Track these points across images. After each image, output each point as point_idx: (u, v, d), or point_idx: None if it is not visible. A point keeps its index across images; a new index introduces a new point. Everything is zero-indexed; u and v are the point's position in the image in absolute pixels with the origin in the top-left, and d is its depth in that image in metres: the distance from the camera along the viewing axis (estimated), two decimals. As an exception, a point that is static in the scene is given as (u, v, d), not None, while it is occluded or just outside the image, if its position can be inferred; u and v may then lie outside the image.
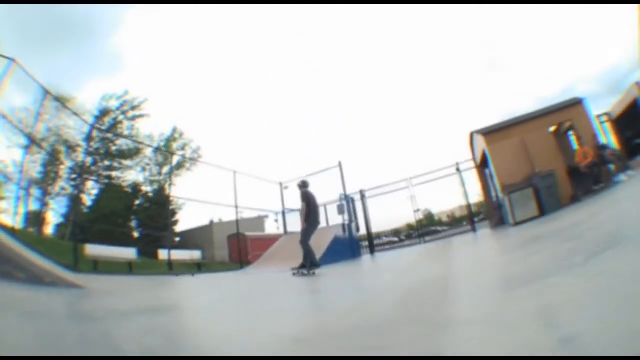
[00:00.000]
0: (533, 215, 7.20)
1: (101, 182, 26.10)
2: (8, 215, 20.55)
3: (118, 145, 26.32)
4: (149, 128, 35.80)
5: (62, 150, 24.27)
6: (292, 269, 6.13)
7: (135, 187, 26.39)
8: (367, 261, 8.64)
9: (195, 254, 14.98)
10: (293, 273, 6.02)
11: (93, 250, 9.34)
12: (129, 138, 25.70)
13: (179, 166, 23.37)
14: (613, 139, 9.45)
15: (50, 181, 25.10)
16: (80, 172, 21.57)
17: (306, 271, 5.90)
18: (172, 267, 9.55)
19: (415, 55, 67.79)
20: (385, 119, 76.99)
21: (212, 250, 21.37)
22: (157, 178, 27.33)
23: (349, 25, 64.89)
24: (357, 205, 11.59)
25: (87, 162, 24.36)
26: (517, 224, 7.27)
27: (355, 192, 11.74)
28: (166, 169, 27.49)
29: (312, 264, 5.91)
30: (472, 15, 63.14)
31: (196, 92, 56.32)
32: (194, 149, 29.40)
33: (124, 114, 27.04)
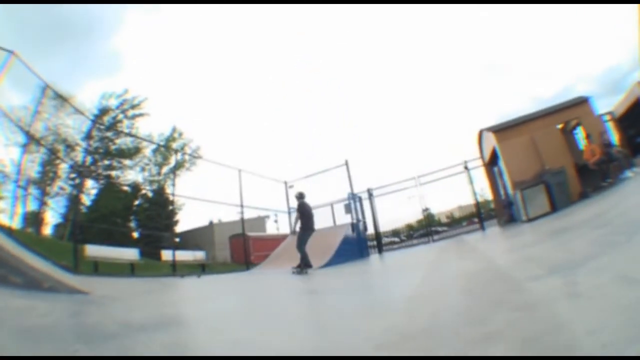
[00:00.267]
0: (545, 211, 7.26)
1: (100, 182, 25.85)
2: (6, 215, 20.34)
3: (117, 144, 26.10)
4: (148, 127, 35.52)
5: (61, 149, 24.02)
6: (293, 268, 6.94)
7: (134, 186, 26.18)
8: (386, 260, 8.36)
9: (199, 255, 14.72)
10: (293, 272, 6.81)
11: (93, 251, 9.10)
12: (129, 135, 25.50)
13: (179, 166, 23.22)
14: (616, 137, 9.62)
15: (48, 181, 24.83)
16: (80, 171, 21.35)
17: (305, 271, 6.73)
18: (175, 268, 9.26)
19: (417, 55, 68.84)
20: (386, 119, 77.98)
21: (213, 250, 21.23)
22: (156, 178, 27.18)
23: (355, 25, 65.79)
24: (363, 204, 11.53)
25: (87, 161, 24.16)
26: (530, 219, 7.33)
27: (362, 191, 11.72)
28: (165, 169, 27.36)
29: (306, 264, 6.80)
30: (473, 16, 64.19)
31: (197, 92, 56.44)
32: (193, 148, 29.29)
33: (123, 112, 26.82)
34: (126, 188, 26.39)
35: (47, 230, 24.96)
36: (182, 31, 55.63)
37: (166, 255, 12.18)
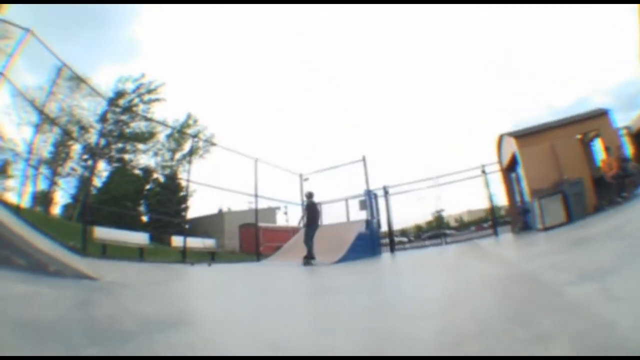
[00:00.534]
0: (561, 221, 7.32)
1: (113, 164, 26.22)
2: (15, 194, 20.73)
3: (132, 127, 26.44)
4: (163, 113, 35.81)
5: (75, 131, 24.36)
6: (304, 258, 7.88)
7: (146, 171, 26.54)
8: (403, 259, 8.24)
9: (209, 242, 14.54)
10: (303, 264, 7.74)
11: (102, 233, 8.97)
12: (145, 118, 25.75)
13: (192, 152, 23.54)
14: (631, 152, 9.67)
15: (60, 161, 25.18)
16: (93, 152, 21.67)
17: (310, 262, 7.76)
18: (185, 255, 9.22)
19: (436, 58, 68.52)
20: (399, 121, 78.04)
21: (222, 239, 21.55)
22: (169, 163, 27.53)
23: (380, 25, 65.57)
24: (378, 202, 11.58)
25: (100, 143, 24.52)
26: (545, 228, 7.40)
27: (376, 189, 11.76)
28: (178, 155, 27.70)
29: (310, 256, 7.88)
30: (487, 21, 63.55)
31: (214, 84, 56.69)
32: (207, 136, 29.53)
33: (139, 96, 27.10)
34: (138, 172, 26.78)
35: (56, 210, 25.54)
36: (197, 23, 55.58)
37: (176, 241, 12.03)
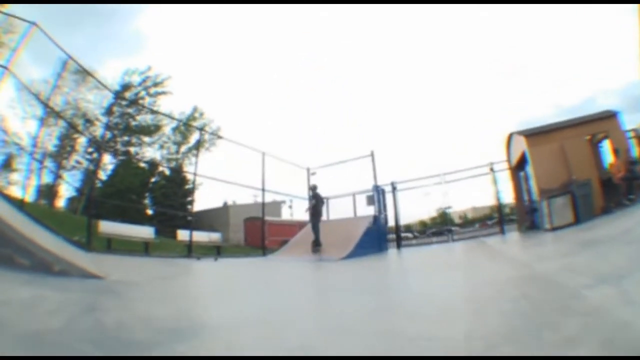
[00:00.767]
0: (569, 222, 7.38)
1: (118, 157, 26.34)
2: (19, 187, 20.83)
3: (138, 121, 26.51)
4: (169, 107, 35.86)
5: (80, 124, 24.44)
6: (312, 244, 8.85)
7: (152, 164, 26.66)
8: (411, 256, 8.18)
9: (214, 236, 14.23)
10: (313, 251, 8.65)
11: (107, 227, 8.91)
12: (151, 111, 25.76)
13: (199, 145, 23.67)
14: (639, 154, 9.69)
15: (65, 154, 25.31)
16: (98, 145, 21.77)
17: (317, 248, 8.73)
18: (191, 249, 9.13)
19: (440, 56, 68.30)
20: (405, 119, 78.22)
21: (227, 232, 21.70)
22: (174, 156, 27.64)
23: (379, 25, 65.11)
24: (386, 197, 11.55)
25: (106, 136, 24.65)
26: (553, 229, 7.46)
27: (384, 184, 11.76)
28: (184, 148, 27.80)
29: (316, 243, 8.82)
30: (494, 20, 63.10)
31: (222, 78, 56.66)
32: (213, 129, 29.54)
33: (145, 89, 27.14)
34: (143, 165, 26.93)
35: (61, 203, 25.67)
36: (204, 18, 55.33)
37: (182, 235, 11.88)
